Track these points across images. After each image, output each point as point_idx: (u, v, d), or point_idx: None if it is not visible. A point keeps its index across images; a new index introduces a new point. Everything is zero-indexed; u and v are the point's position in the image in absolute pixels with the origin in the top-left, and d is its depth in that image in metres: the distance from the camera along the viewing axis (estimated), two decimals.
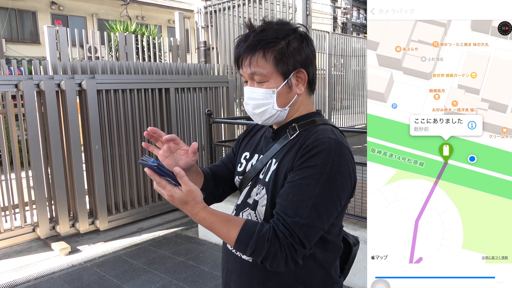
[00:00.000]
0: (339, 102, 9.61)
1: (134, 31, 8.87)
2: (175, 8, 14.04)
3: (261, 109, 1.05)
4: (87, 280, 3.20)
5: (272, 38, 1.01)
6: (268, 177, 1.06)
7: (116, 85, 4.20)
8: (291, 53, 1.02)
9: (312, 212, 0.93)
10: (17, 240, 3.91)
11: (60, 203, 3.92)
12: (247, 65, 1.03)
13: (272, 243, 0.91)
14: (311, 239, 0.94)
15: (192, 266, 3.41)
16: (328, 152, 0.95)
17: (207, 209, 0.95)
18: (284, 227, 0.92)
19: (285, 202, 0.95)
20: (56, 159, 3.85)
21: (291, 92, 1.05)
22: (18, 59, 4.66)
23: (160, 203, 4.72)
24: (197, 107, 5.02)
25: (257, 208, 1.07)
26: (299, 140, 1.03)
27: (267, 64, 1.01)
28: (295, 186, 0.95)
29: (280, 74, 1.03)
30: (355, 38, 10.75)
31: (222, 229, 0.95)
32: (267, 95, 1.03)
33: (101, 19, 15.37)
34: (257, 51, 1.01)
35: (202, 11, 5.92)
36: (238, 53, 1.05)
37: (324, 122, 1.08)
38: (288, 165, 1.00)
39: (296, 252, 0.92)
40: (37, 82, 3.74)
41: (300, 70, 1.04)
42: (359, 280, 2.74)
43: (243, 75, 1.07)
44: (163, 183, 0.92)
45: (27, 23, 14.63)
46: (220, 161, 1.30)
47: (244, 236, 0.93)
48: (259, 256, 0.93)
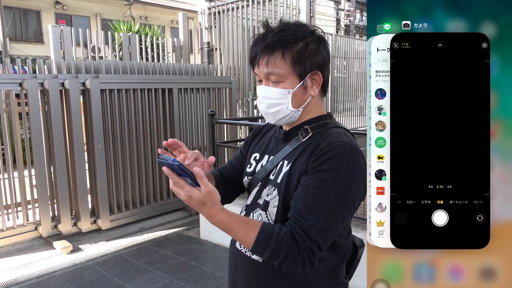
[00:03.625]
0: (341, 104, 9.61)
1: (137, 31, 8.90)
2: (179, 8, 14.05)
3: (275, 109, 1.04)
4: (89, 279, 3.21)
5: (291, 39, 1.01)
6: (280, 179, 1.05)
7: (120, 85, 4.22)
8: (308, 55, 1.02)
9: (328, 215, 0.93)
10: (19, 238, 3.92)
11: (63, 202, 3.93)
12: (264, 64, 1.02)
13: (291, 246, 0.91)
14: (327, 241, 0.95)
15: (193, 266, 3.41)
16: (343, 156, 0.95)
17: (225, 211, 0.94)
18: (301, 230, 0.92)
19: (301, 206, 0.95)
20: (59, 158, 3.86)
21: (306, 94, 1.05)
22: (22, 58, 4.68)
23: (162, 203, 4.73)
24: (200, 107, 5.03)
25: (268, 209, 1.06)
26: (312, 143, 1.02)
27: (284, 65, 1.01)
28: (311, 189, 0.95)
29: (296, 75, 1.02)
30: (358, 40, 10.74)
31: (240, 231, 0.93)
32: (282, 95, 1.03)
33: (104, 19, 15.41)
34: (276, 51, 1.01)
35: (206, 12, 5.93)
36: (255, 52, 1.04)
37: (336, 125, 1.08)
38: (302, 167, 1.00)
39: (313, 255, 0.92)
40: (41, 81, 3.76)
41: (316, 72, 1.04)
42: (359, 281, 2.74)
43: (258, 74, 1.06)
44: (182, 183, 0.89)
45: (31, 22, 14.69)
46: (229, 163, 1.29)
47: (262, 239, 0.92)
48: (277, 259, 0.92)
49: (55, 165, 3.89)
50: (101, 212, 4.15)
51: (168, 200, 4.78)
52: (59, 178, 3.88)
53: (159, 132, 4.64)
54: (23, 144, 4.20)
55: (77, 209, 4.10)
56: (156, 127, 4.60)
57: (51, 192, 3.99)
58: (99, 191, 4.12)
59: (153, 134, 4.57)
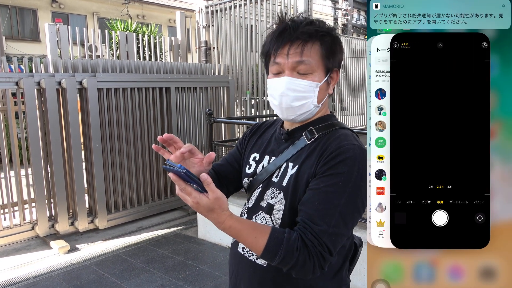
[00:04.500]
0: (339, 103, 9.61)
1: (134, 30, 8.86)
2: (176, 7, 14.02)
3: (301, 102, 0.99)
4: (86, 279, 3.20)
5: (325, 32, 0.99)
6: (285, 182, 1.02)
7: (117, 84, 4.20)
8: (336, 51, 1.01)
9: (339, 220, 0.92)
10: (16, 238, 3.90)
11: (60, 202, 3.91)
12: (297, 53, 0.96)
13: (301, 252, 0.89)
14: (338, 246, 0.94)
15: (191, 265, 3.41)
16: (354, 160, 0.94)
17: (233, 217, 0.91)
18: (312, 235, 0.91)
19: (311, 210, 0.93)
20: (56, 157, 3.85)
21: (327, 90, 1.03)
22: (18, 57, 4.66)
23: (159, 202, 4.72)
24: (198, 106, 5.02)
25: (273, 213, 1.04)
26: (320, 145, 1.00)
27: (317, 56, 0.98)
28: (321, 193, 0.93)
29: (324, 69, 1.00)
30: (355, 39, 10.76)
31: (249, 237, 0.91)
32: (310, 88, 0.99)
33: (101, 18, 15.34)
34: (313, 40, 0.97)
35: (203, 11, 5.93)
36: (286, 39, 0.97)
37: (342, 126, 1.05)
38: (310, 171, 0.98)
39: (324, 260, 0.91)
40: (37, 79, 3.74)
41: (336, 70, 1.03)
42: (358, 281, 2.75)
43: (280, 64, 0.99)
44: (189, 190, 0.87)
45: (27, 21, 14.62)
46: (224, 160, 1.26)
47: (273, 246, 0.90)
48: (287, 265, 0.91)
49: (52, 165, 3.87)
50: (98, 212, 4.13)
51: (166, 199, 4.78)
52: (56, 177, 3.87)
53: (157, 131, 4.63)
54: (19, 143, 4.18)
55: (74, 208, 4.09)
56: (153, 126, 4.58)
57: (48, 192, 3.97)
58: (96, 190, 4.10)
59: (150, 133, 4.56)
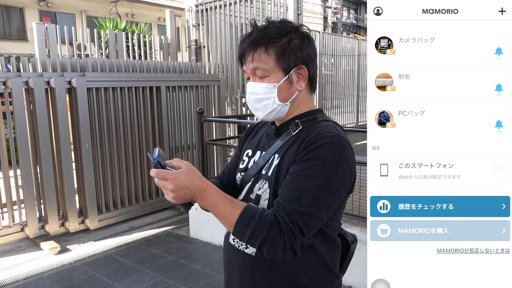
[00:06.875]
0: (329, 101, 9.65)
1: (124, 29, 8.78)
2: (166, 6, 13.90)
3: (262, 104, 1.08)
4: (77, 280, 3.18)
5: (274, 34, 1.05)
6: (270, 172, 1.07)
7: (107, 83, 4.17)
8: (292, 50, 1.05)
9: (312, 202, 0.94)
10: (5, 239, 3.85)
11: (50, 202, 3.87)
12: (250, 60, 1.06)
13: (272, 227, 0.92)
14: (310, 228, 0.96)
15: (183, 264, 3.41)
16: (330, 145, 0.97)
17: (213, 186, 0.98)
18: (284, 213, 0.94)
19: (286, 192, 0.97)
20: (45, 157, 3.81)
21: (292, 88, 1.08)
22: (5, 56, 4.59)
23: (151, 202, 4.70)
24: (188, 105, 5.00)
25: (260, 202, 1.08)
26: (301, 135, 1.05)
27: (268, 59, 1.05)
28: (297, 177, 0.97)
29: (281, 70, 1.06)
30: (345, 38, 10.80)
31: (226, 207, 0.96)
32: (268, 89, 1.06)
33: (90, 17, 15.17)
34: (260, 46, 1.05)
35: (193, 9, 5.90)
36: (242, 49, 1.09)
37: (326, 119, 1.10)
38: (290, 159, 1.02)
39: (295, 239, 0.93)
40: (26, 79, 3.69)
41: (301, 66, 1.07)
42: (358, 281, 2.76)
43: (246, 71, 1.10)
44: (163, 173, 0.92)
45: (14, 19, 14.38)
46: (225, 168, 1.31)
47: (246, 217, 0.94)
48: (258, 238, 0.93)
49: (41, 165, 3.83)
50: (89, 212, 4.10)
51: (157, 198, 4.76)
52: (45, 178, 3.83)
53: (147, 130, 4.61)
54: (7, 144, 4.13)
55: (64, 209, 4.05)
56: (144, 126, 4.56)
57: (38, 193, 3.93)
58: (86, 190, 4.07)
59: (141, 132, 4.54)
